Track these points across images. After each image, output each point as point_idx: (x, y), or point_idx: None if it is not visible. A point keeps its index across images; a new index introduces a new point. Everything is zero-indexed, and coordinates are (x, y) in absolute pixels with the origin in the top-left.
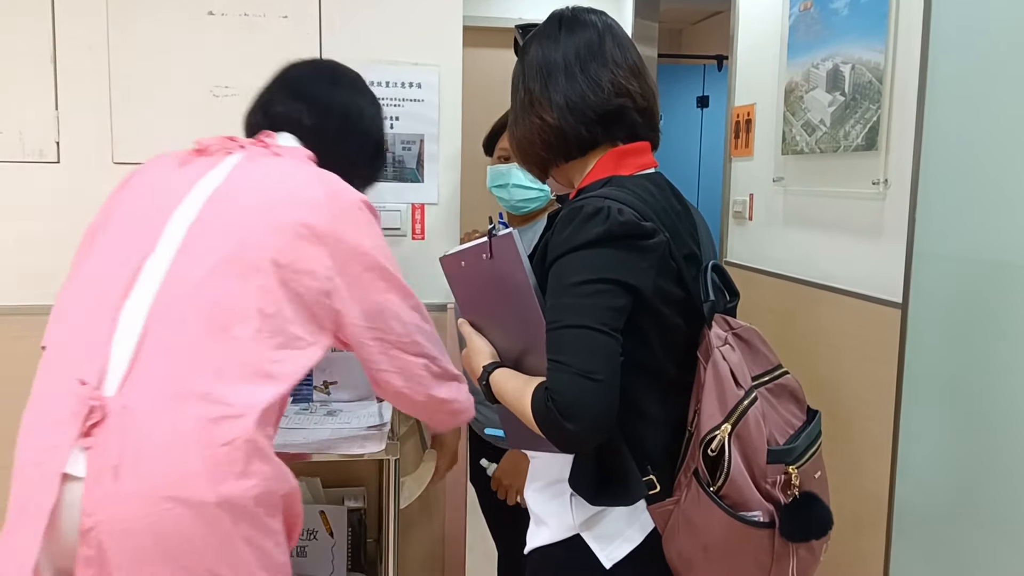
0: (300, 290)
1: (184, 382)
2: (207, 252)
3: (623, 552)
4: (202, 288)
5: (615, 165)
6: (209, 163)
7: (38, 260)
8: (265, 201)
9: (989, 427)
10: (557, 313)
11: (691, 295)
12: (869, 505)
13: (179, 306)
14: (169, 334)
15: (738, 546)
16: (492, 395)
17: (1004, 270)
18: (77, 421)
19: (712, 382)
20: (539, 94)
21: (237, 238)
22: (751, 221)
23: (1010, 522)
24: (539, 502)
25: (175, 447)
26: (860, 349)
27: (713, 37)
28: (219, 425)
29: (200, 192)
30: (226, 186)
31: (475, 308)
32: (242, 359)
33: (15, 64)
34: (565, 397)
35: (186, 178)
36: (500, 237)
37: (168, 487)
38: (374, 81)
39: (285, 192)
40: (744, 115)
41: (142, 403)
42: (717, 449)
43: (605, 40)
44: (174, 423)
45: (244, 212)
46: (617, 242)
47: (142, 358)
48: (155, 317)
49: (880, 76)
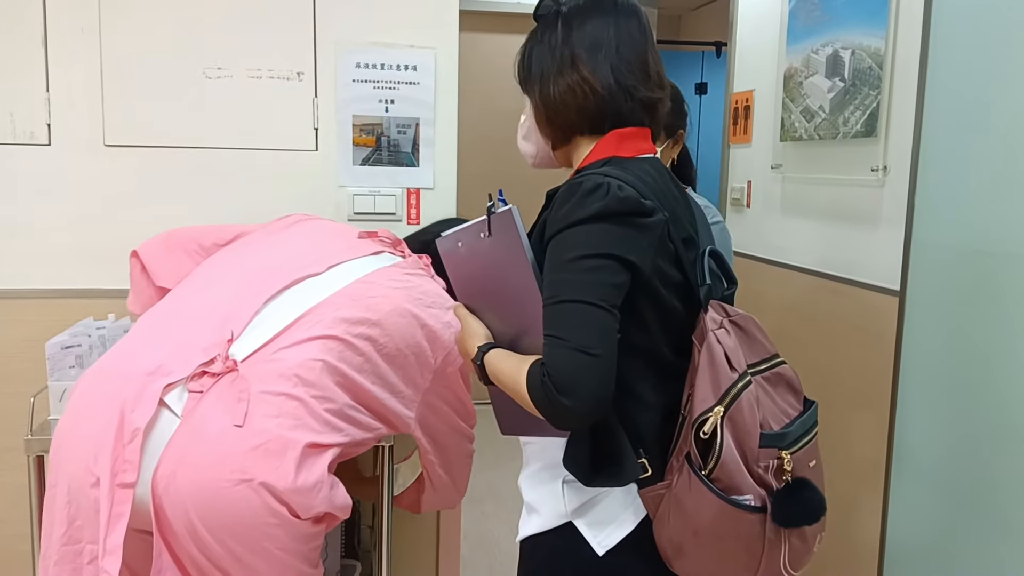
0: (414, 376)
1: (297, 386)
2: (366, 306)
3: (616, 539)
4: (349, 326)
5: (615, 147)
6: (381, 247)
7: (29, 243)
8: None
9: (986, 415)
10: (555, 288)
11: (689, 279)
12: (865, 491)
13: (323, 326)
14: (306, 345)
15: (729, 531)
16: (486, 377)
17: (1003, 259)
18: (197, 362)
19: (706, 364)
20: (586, 59)
21: (389, 313)
22: (749, 208)
23: (1007, 509)
24: (531, 488)
25: (263, 431)
26: (857, 337)
27: (712, 23)
28: (303, 432)
29: (370, 263)
30: (390, 272)
31: (471, 291)
32: (342, 398)
33: (6, 46)
34: (561, 372)
35: (361, 247)
36: (499, 214)
37: (244, 464)
38: (368, 63)
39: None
40: (743, 101)
41: (257, 381)
42: (709, 432)
43: (646, 30)
44: (273, 411)
45: (398, 295)
46: (616, 218)
47: (273, 346)
48: (302, 324)
49: (880, 62)
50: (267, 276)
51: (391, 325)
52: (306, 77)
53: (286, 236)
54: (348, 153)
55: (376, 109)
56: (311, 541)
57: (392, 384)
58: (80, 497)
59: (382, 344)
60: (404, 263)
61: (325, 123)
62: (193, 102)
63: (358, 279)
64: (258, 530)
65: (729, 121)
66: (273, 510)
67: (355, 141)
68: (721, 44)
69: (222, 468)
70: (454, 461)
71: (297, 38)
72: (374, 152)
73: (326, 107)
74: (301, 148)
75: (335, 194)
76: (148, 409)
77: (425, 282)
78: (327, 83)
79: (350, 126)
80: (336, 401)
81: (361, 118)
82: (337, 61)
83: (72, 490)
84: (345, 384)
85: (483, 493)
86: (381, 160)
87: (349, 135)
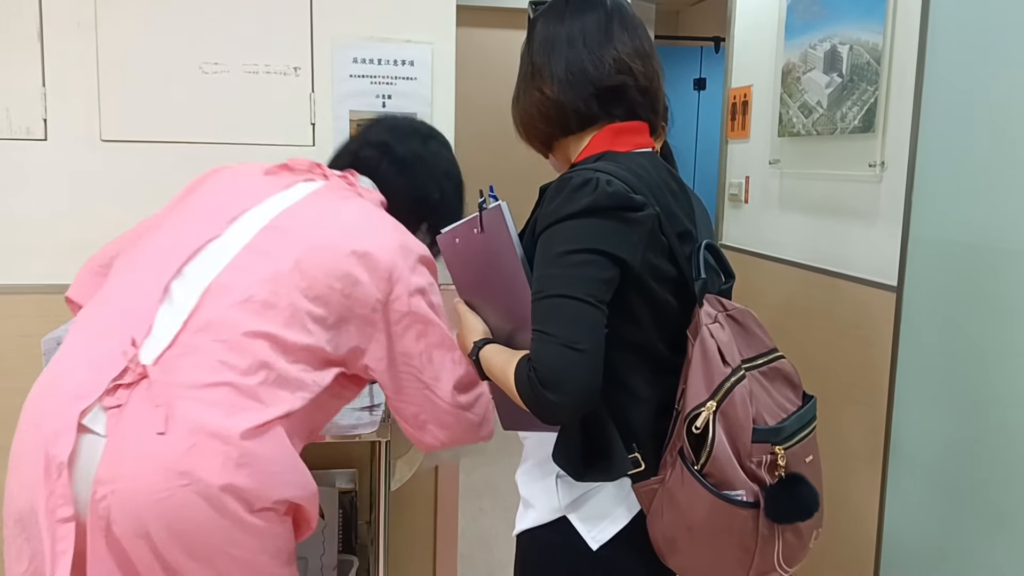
0: (347, 316)
1: (220, 371)
2: (273, 257)
3: (609, 534)
4: (261, 287)
5: (610, 141)
6: (292, 179)
7: (25, 238)
8: (341, 229)
9: (983, 411)
10: (543, 283)
11: (684, 273)
12: (861, 487)
13: (234, 297)
14: (219, 321)
15: (722, 526)
16: (483, 372)
17: (1000, 255)
18: (108, 377)
19: (699, 359)
20: (541, 67)
21: (304, 252)
22: (747, 204)
23: (1004, 506)
24: (526, 483)
25: (193, 430)
26: (854, 333)
27: (710, 19)
28: (239, 417)
29: (278, 203)
30: (304, 206)
31: (470, 286)
32: (279, 363)
33: (2, 41)
34: (547, 367)
35: (267, 187)
36: (489, 210)
37: (180, 468)
38: (365, 58)
39: (359, 229)
40: (741, 97)
41: (174, 379)
42: (702, 426)
43: (612, 20)
44: (199, 405)
45: (316, 231)
46: (604, 213)
47: (184, 336)
48: (209, 300)
49: (878, 57)
50: (162, 261)
51: (309, 263)
52: (303, 72)
53: (184, 207)
54: None
55: (373, 104)
56: (276, 538)
57: (329, 324)
58: (31, 532)
59: (304, 287)
60: (322, 190)
61: (322, 118)
62: (190, 97)
63: (265, 227)
64: (216, 534)
65: (727, 117)
66: (225, 509)
67: (352, 136)
68: (719, 39)
69: (157, 479)
70: (416, 400)
71: (294, 33)
72: None
73: (323, 102)
74: (298, 143)
75: None
76: (68, 440)
77: (346, 203)
78: (324, 78)
79: (347, 121)
80: (272, 368)
81: (358, 113)
82: (334, 56)
83: (25, 525)
84: (276, 346)
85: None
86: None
87: (346, 130)
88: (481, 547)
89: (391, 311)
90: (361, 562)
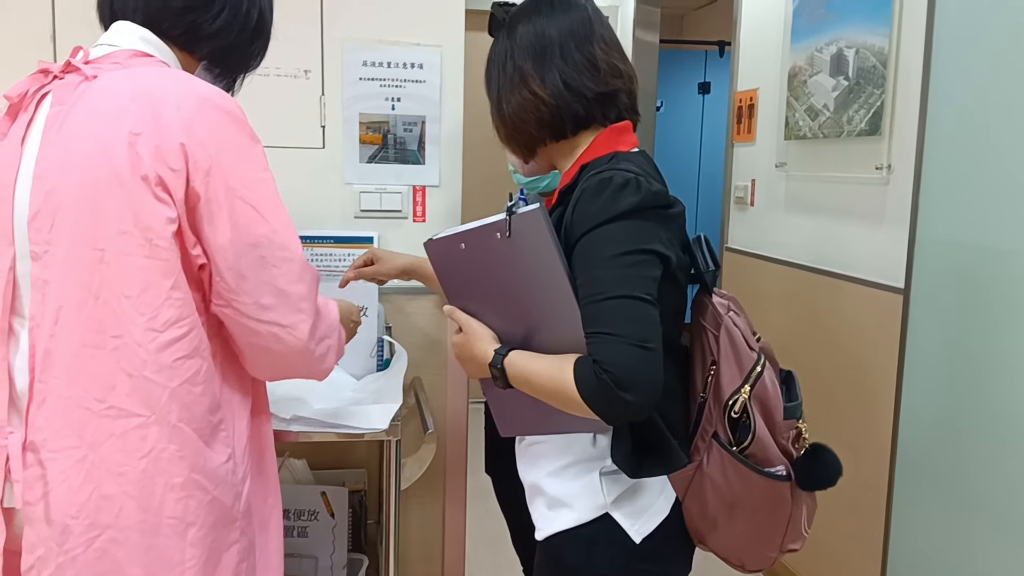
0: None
1: (85, 399)
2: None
3: (652, 525)
4: (83, 289)
5: (615, 142)
6: (26, 119)
7: None
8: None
9: (989, 413)
10: (600, 285)
11: (695, 263)
12: (868, 490)
13: (63, 319)
14: (60, 352)
15: (762, 501)
16: (506, 379)
17: (1006, 257)
18: None
19: (728, 348)
20: (532, 71)
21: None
22: (753, 207)
23: (1012, 509)
24: (559, 484)
25: (95, 474)
26: (861, 335)
27: (715, 22)
28: (132, 437)
29: (29, 160)
30: (47, 152)
31: (467, 292)
32: (129, 360)
33: (15, 42)
34: (622, 368)
35: (12, 148)
36: (524, 214)
37: (99, 519)
38: (375, 62)
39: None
40: (746, 100)
41: (52, 436)
42: (740, 411)
43: (595, 20)
44: (89, 448)
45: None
46: (650, 212)
47: (39, 385)
48: (41, 336)
49: (884, 60)
50: None
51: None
52: (313, 75)
53: None
54: (355, 151)
55: (383, 107)
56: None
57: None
58: None
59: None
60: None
61: (332, 121)
62: None
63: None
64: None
65: (733, 120)
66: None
67: (361, 139)
68: (724, 43)
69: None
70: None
71: (304, 36)
72: (380, 150)
73: (333, 105)
74: (308, 146)
75: (341, 191)
76: None
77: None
78: (334, 81)
79: (357, 124)
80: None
81: (368, 116)
82: (344, 59)
83: None
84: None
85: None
86: (387, 158)
87: (356, 133)
88: (488, 547)
89: None
90: (370, 561)
